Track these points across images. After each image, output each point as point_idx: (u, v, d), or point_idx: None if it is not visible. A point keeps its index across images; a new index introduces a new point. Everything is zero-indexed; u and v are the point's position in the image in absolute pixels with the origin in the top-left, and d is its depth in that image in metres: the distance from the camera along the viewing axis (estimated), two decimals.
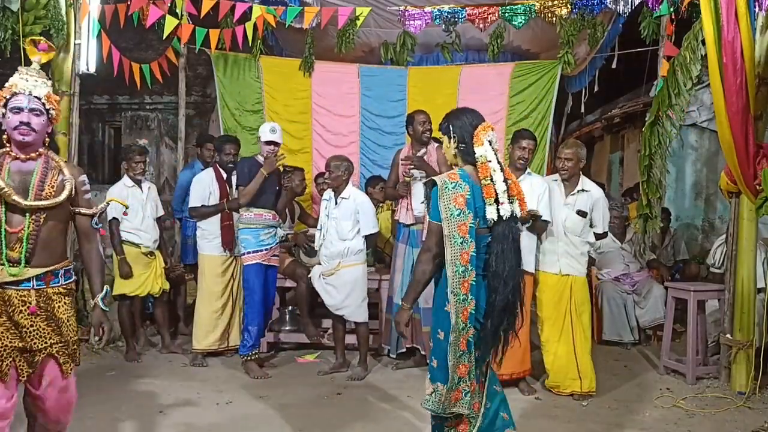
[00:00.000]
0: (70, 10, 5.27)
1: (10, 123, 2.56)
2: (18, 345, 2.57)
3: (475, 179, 2.66)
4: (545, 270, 4.56)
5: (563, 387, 4.46)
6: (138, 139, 8.55)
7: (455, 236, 2.57)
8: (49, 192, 2.61)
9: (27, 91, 2.60)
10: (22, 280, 2.56)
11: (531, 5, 6.17)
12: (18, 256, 2.54)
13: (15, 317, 2.56)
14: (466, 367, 2.62)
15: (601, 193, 4.61)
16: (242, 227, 4.90)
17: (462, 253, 2.56)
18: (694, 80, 4.98)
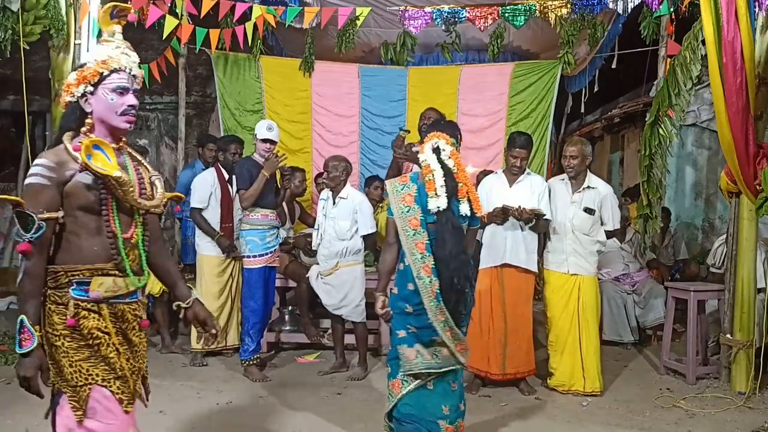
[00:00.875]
0: (70, 10, 5.27)
1: (114, 106, 2.10)
2: (136, 366, 2.21)
3: (422, 179, 3.00)
4: (554, 269, 4.56)
5: (567, 386, 4.47)
6: (138, 139, 8.54)
7: (408, 230, 2.97)
8: (149, 190, 2.23)
9: (129, 68, 2.13)
10: (132, 291, 2.17)
11: (531, 5, 6.17)
12: (136, 266, 2.18)
13: (128, 334, 2.18)
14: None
15: (609, 189, 4.59)
16: (248, 228, 4.84)
17: (417, 243, 2.95)
18: (694, 80, 4.99)
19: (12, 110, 8.48)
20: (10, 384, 4.52)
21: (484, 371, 4.47)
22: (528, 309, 4.51)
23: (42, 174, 2.01)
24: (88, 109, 2.10)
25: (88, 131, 2.11)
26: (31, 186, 2.02)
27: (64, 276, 2.07)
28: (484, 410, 4.15)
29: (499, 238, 4.45)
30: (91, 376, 2.05)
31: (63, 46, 5.29)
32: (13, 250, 7.90)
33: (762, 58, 4.38)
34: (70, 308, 2.06)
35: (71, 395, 2.04)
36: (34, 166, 2.03)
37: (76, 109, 2.12)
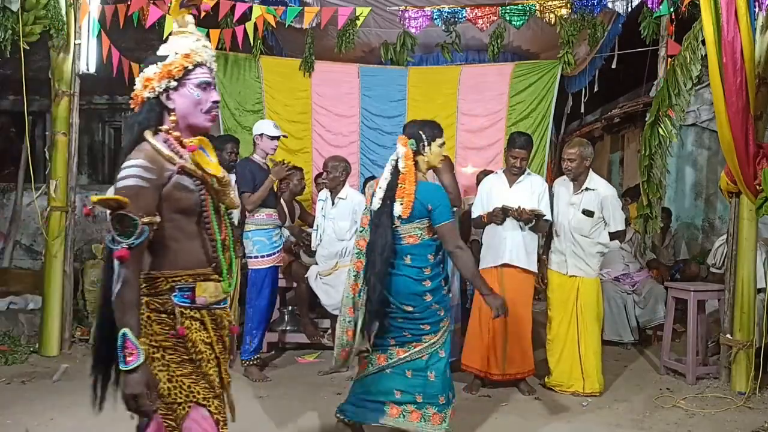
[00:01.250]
0: (70, 10, 5.27)
1: (199, 102, 1.97)
2: (227, 378, 2.08)
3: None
4: (555, 270, 4.57)
5: (566, 386, 4.46)
6: None
7: (360, 227, 3.31)
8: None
9: (209, 63, 2.00)
10: (225, 296, 2.06)
11: (531, 5, 6.17)
12: (228, 269, 2.07)
13: (225, 341, 2.06)
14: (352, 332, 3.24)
15: (611, 190, 4.54)
16: (254, 228, 4.79)
17: (359, 240, 3.24)
18: (694, 80, 4.99)
19: (12, 110, 8.49)
20: (10, 384, 4.53)
21: (484, 371, 4.47)
22: (528, 309, 4.50)
23: (140, 175, 1.83)
24: (171, 105, 1.96)
25: (171, 129, 1.97)
26: (129, 188, 1.82)
27: (165, 282, 1.91)
28: (484, 410, 4.15)
29: (499, 238, 4.44)
30: (192, 393, 1.90)
31: (63, 46, 5.29)
32: (13, 250, 7.90)
33: (762, 58, 4.38)
34: (177, 317, 1.90)
35: (166, 414, 1.89)
36: (130, 167, 1.84)
37: (155, 105, 1.96)
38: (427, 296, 3.14)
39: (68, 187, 5.42)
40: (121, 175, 1.85)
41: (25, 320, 5.67)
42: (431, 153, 3.19)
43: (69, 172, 5.44)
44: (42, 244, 6.42)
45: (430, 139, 3.18)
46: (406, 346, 3.16)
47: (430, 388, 3.14)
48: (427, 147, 3.17)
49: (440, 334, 3.17)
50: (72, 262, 5.53)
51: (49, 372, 4.79)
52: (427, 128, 3.22)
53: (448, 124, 6.50)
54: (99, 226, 8.05)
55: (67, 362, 5.07)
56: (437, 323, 3.16)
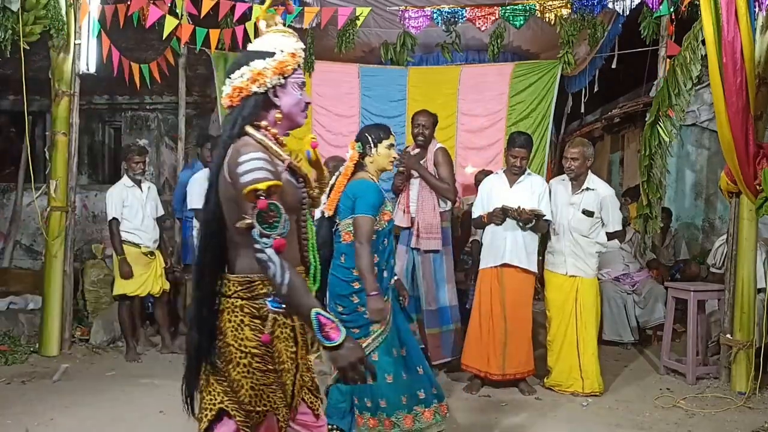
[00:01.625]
0: (70, 10, 5.27)
1: (299, 101, 1.97)
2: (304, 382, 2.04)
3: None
4: (553, 270, 4.57)
5: (565, 386, 4.46)
6: (138, 139, 8.53)
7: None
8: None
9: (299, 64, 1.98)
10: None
11: (531, 5, 6.17)
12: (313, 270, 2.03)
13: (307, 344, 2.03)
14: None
15: (610, 191, 4.57)
16: None
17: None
18: (694, 80, 4.99)
19: (12, 110, 8.49)
20: (10, 384, 4.53)
21: (484, 371, 4.47)
22: (528, 309, 4.50)
23: (267, 168, 1.77)
24: (278, 102, 1.93)
25: (272, 125, 1.94)
26: (258, 179, 1.75)
27: (262, 286, 1.85)
28: (484, 410, 4.15)
29: (499, 238, 4.44)
30: (271, 402, 1.86)
31: (63, 46, 5.29)
32: (13, 250, 7.90)
33: (762, 58, 4.38)
34: (269, 323, 1.85)
35: (242, 419, 1.83)
36: (254, 159, 1.77)
37: (260, 101, 1.91)
38: (354, 297, 3.16)
39: (68, 187, 5.43)
40: (248, 168, 1.77)
41: (25, 320, 5.67)
42: (378, 154, 3.24)
43: (69, 172, 5.44)
44: (42, 244, 6.42)
45: (376, 141, 3.24)
46: None
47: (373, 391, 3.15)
48: (374, 149, 3.24)
49: (372, 339, 3.15)
50: (72, 262, 5.54)
51: (49, 372, 4.79)
52: (373, 131, 3.29)
53: (448, 124, 6.51)
54: (99, 226, 8.04)
55: (67, 362, 5.07)
56: (366, 327, 3.15)
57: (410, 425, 3.16)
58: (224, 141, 1.88)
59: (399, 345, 3.24)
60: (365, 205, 3.12)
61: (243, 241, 1.82)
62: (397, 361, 3.19)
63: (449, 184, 4.77)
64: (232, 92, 1.91)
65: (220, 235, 1.90)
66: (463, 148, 6.75)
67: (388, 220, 3.22)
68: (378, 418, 3.15)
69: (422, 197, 4.77)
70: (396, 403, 3.16)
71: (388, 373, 3.16)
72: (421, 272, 4.81)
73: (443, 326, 4.79)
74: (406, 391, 3.19)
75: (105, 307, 5.99)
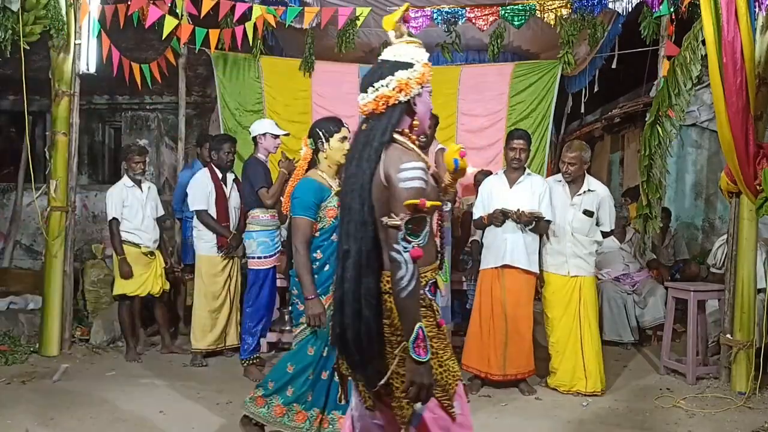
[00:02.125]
0: (70, 10, 5.27)
1: (429, 109, 2.14)
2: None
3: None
4: (554, 271, 4.56)
5: (569, 386, 4.47)
6: (138, 139, 8.53)
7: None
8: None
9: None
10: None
11: (531, 5, 6.17)
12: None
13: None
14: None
15: (607, 191, 4.62)
16: (258, 229, 4.79)
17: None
18: (694, 80, 4.99)
19: (12, 110, 8.49)
20: (10, 384, 4.53)
21: (484, 372, 4.47)
22: (528, 310, 4.50)
23: (424, 178, 1.96)
24: (416, 110, 2.08)
25: (410, 131, 2.09)
26: (419, 190, 1.93)
27: (423, 278, 2.03)
28: (484, 410, 4.15)
29: (499, 239, 4.45)
30: (456, 372, 2.08)
31: (63, 46, 5.29)
32: (13, 250, 7.90)
33: (762, 58, 4.38)
34: (435, 309, 2.09)
35: (441, 395, 2.01)
36: (415, 168, 1.94)
37: (404, 109, 2.06)
38: (294, 290, 3.26)
39: (68, 187, 5.43)
40: (409, 176, 1.94)
41: (25, 320, 5.67)
42: (331, 148, 3.24)
43: (69, 172, 5.44)
44: (42, 244, 6.42)
45: (327, 135, 3.25)
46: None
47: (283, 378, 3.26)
48: (326, 143, 3.24)
49: (300, 330, 3.24)
50: (72, 262, 5.53)
51: (49, 372, 4.79)
52: (323, 125, 3.29)
53: (448, 124, 6.51)
54: (99, 226, 8.05)
55: (67, 362, 5.07)
56: (298, 317, 3.26)
57: (278, 415, 3.22)
58: (376, 147, 2.01)
59: (325, 344, 3.22)
60: (300, 206, 3.14)
61: (383, 237, 1.99)
62: (311, 358, 3.21)
63: None
64: (378, 100, 2.04)
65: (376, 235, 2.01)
66: None
67: (334, 216, 3.18)
68: (255, 392, 3.28)
69: None
70: (280, 389, 3.24)
71: (292, 364, 3.24)
72: None
73: None
74: (298, 388, 3.23)
75: (105, 307, 6.00)
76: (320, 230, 3.19)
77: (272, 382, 3.27)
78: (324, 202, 3.18)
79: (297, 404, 3.23)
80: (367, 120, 2.08)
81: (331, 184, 3.24)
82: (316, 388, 3.23)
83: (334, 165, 3.27)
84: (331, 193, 3.20)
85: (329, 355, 3.22)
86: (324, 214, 3.18)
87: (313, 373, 3.21)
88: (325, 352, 3.22)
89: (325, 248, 3.20)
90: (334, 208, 3.19)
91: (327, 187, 3.21)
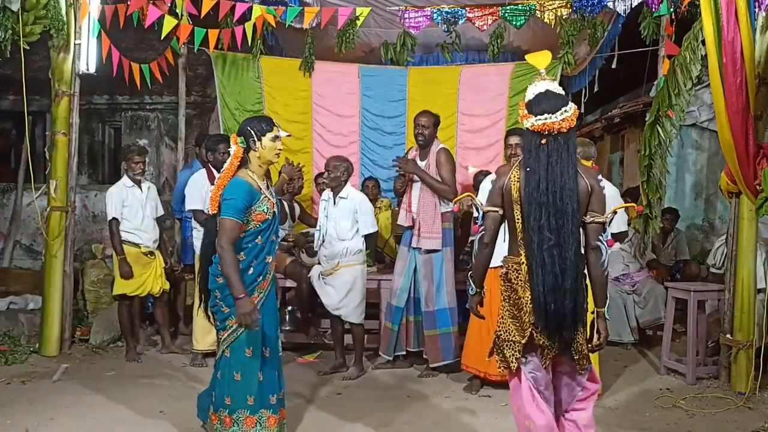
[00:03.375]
0: (70, 10, 5.27)
1: None
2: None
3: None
4: None
5: None
6: (138, 139, 8.52)
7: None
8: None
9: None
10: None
11: (531, 5, 6.17)
12: None
13: None
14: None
15: (614, 191, 4.51)
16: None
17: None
18: (694, 80, 4.99)
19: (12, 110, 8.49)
20: (10, 384, 4.53)
21: (483, 372, 4.47)
22: None
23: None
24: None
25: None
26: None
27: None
28: (484, 410, 4.15)
29: (499, 239, 4.43)
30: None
31: (63, 46, 5.29)
32: (13, 250, 7.90)
33: (762, 58, 4.38)
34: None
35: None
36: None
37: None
38: (216, 293, 3.21)
39: (68, 187, 5.43)
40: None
41: (25, 320, 5.67)
42: (263, 147, 3.20)
43: (69, 172, 5.44)
44: (42, 244, 6.42)
45: (259, 134, 3.19)
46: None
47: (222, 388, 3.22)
48: (257, 142, 3.19)
49: (228, 333, 3.19)
50: (72, 262, 5.53)
51: (49, 372, 4.79)
52: (255, 124, 3.24)
53: (448, 124, 6.50)
54: (99, 226, 8.04)
55: (67, 362, 5.07)
56: (224, 321, 3.21)
57: (250, 426, 3.17)
58: (574, 161, 2.64)
59: (261, 344, 3.22)
60: (231, 208, 3.09)
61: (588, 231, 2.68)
62: (252, 360, 3.19)
63: (450, 186, 4.77)
64: (562, 123, 2.60)
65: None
66: (463, 148, 6.75)
67: (262, 220, 3.17)
68: (219, 415, 3.20)
69: (423, 197, 4.78)
70: (240, 401, 3.18)
71: (237, 371, 3.18)
72: (422, 273, 4.82)
73: (441, 328, 4.79)
74: (256, 393, 3.19)
75: (105, 307, 5.99)
76: (246, 232, 3.16)
77: (228, 397, 3.19)
78: (254, 205, 3.15)
79: (265, 410, 3.21)
80: (545, 136, 2.59)
81: (260, 186, 3.20)
82: (276, 390, 3.26)
83: (265, 164, 3.25)
84: (260, 196, 3.17)
85: (272, 355, 3.26)
86: (252, 217, 3.16)
87: (262, 374, 3.21)
88: (268, 352, 3.24)
89: (249, 251, 3.19)
90: (263, 212, 3.17)
91: (257, 190, 3.18)
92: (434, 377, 4.85)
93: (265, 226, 3.20)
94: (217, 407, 3.22)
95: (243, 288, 3.06)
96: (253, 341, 3.18)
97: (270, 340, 3.28)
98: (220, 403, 3.20)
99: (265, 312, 3.25)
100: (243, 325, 3.10)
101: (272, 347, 3.29)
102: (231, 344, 3.18)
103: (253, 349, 3.18)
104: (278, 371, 3.34)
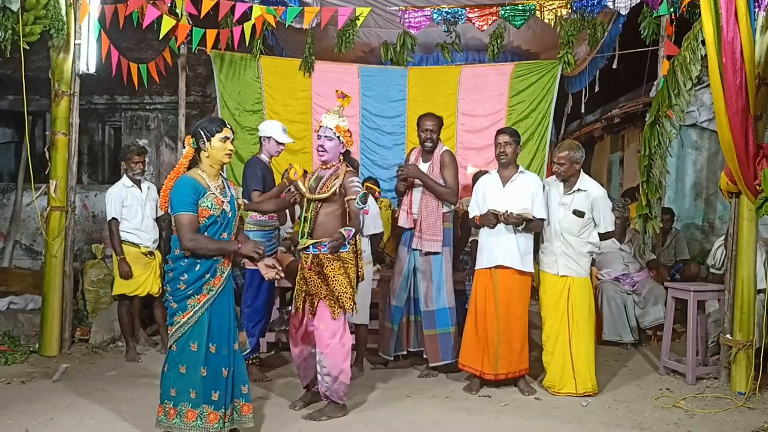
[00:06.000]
0: (70, 10, 5.27)
1: None
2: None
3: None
4: (546, 270, 4.57)
5: (558, 387, 4.47)
6: (138, 139, 8.52)
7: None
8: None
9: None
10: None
11: (531, 5, 6.17)
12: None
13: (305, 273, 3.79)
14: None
15: (602, 192, 4.54)
16: (256, 229, 4.74)
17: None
18: (694, 80, 4.99)
19: (12, 110, 8.49)
20: (10, 384, 4.53)
21: (479, 371, 4.48)
22: (521, 309, 4.49)
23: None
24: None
25: None
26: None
27: None
28: (484, 410, 4.15)
29: (492, 239, 4.46)
30: None
31: (63, 46, 5.29)
32: (13, 250, 7.90)
33: (762, 58, 4.38)
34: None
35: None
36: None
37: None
38: (167, 287, 3.34)
39: (68, 187, 5.43)
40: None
41: (25, 320, 5.67)
42: (212, 148, 3.25)
43: (69, 172, 5.44)
44: (42, 244, 6.42)
45: (209, 135, 3.25)
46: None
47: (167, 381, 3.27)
48: (207, 143, 3.25)
49: (175, 328, 3.26)
50: (72, 262, 5.53)
51: (49, 372, 4.79)
52: (206, 125, 3.29)
53: (448, 124, 6.49)
54: (99, 226, 8.04)
55: (67, 362, 5.07)
56: (172, 317, 3.31)
57: (191, 420, 3.20)
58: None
59: (207, 340, 3.25)
60: (178, 203, 3.17)
61: None
62: (197, 354, 3.23)
63: (452, 188, 4.76)
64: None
65: None
66: (463, 148, 6.76)
67: (207, 216, 3.21)
68: (164, 407, 3.25)
69: (425, 199, 4.77)
70: (184, 394, 3.22)
71: (182, 364, 3.23)
72: (422, 273, 4.81)
73: (441, 328, 4.78)
74: (199, 387, 3.22)
75: (105, 307, 5.99)
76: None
77: (173, 389, 3.23)
78: (200, 200, 3.19)
79: (207, 405, 3.23)
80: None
81: (209, 184, 3.24)
82: (221, 387, 3.26)
83: (216, 165, 3.30)
84: (206, 192, 3.22)
85: (218, 351, 3.27)
86: (198, 213, 3.20)
87: (205, 369, 3.22)
88: (214, 348, 3.26)
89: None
90: (207, 208, 3.21)
91: (204, 186, 3.22)
92: (434, 377, 4.85)
93: (211, 221, 3.24)
94: (163, 399, 3.28)
95: (230, 243, 3.27)
96: (198, 336, 3.24)
97: (217, 338, 3.30)
98: (166, 395, 3.26)
99: (215, 310, 3.29)
100: (257, 258, 3.31)
101: (219, 344, 3.30)
102: (177, 339, 3.25)
103: (198, 344, 3.23)
104: (230, 369, 3.33)
